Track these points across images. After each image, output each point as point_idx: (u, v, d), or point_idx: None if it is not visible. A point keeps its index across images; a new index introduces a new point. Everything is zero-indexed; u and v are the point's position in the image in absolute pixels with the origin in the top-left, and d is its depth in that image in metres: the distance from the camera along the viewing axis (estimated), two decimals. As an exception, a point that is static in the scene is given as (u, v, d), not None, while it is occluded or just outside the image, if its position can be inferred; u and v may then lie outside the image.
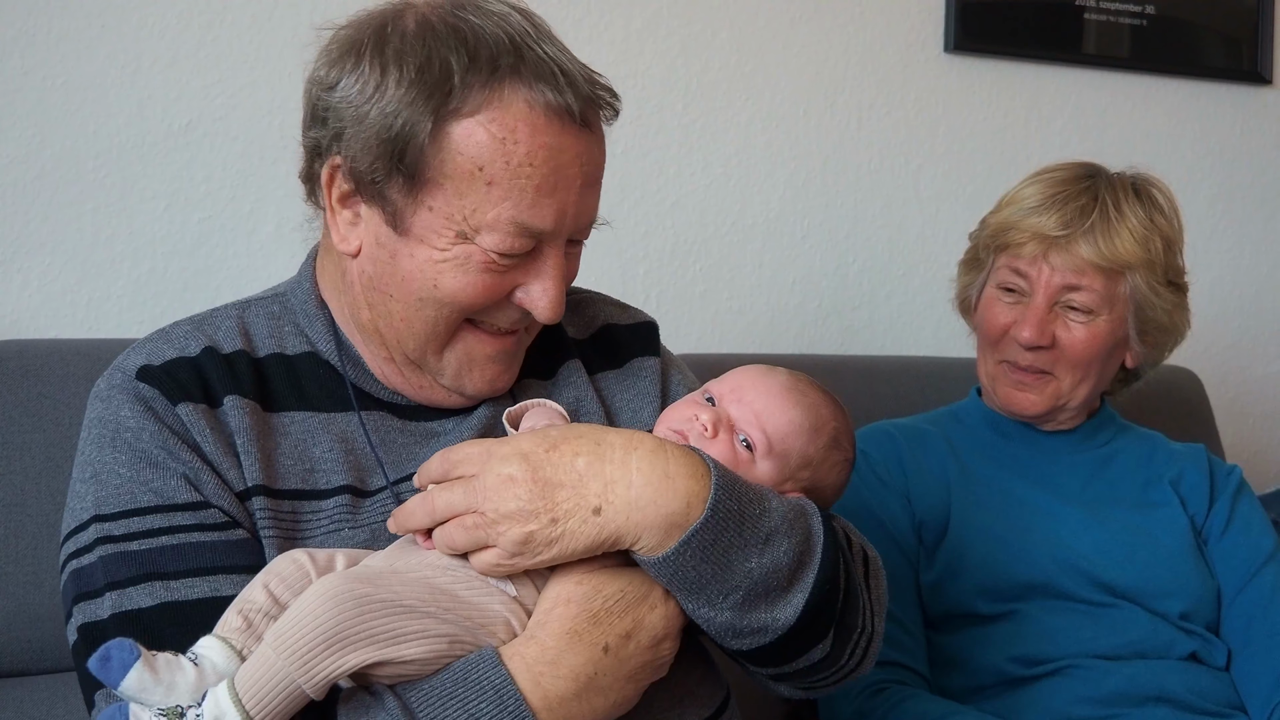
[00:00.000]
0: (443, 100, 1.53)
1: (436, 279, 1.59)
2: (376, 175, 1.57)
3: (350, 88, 1.58)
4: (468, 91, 1.53)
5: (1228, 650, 2.32)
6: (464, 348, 1.66)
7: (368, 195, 1.60)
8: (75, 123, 2.49)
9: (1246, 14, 3.53)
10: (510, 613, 1.46)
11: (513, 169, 1.53)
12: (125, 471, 1.55)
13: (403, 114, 1.54)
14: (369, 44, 1.58)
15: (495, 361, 1.69)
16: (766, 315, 3.10)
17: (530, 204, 1.55)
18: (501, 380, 1.71)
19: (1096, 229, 2.32)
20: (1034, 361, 2.35)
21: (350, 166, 1.59)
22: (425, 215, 1.57)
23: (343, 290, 1.70)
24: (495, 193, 1.54)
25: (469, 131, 1.53)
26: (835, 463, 1.67)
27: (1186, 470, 2.45)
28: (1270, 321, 3.64)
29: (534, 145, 1.54)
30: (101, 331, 2.50)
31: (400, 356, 1.67)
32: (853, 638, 1.58)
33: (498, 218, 1.55)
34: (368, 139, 1.56)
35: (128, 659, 1.30)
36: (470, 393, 1.70)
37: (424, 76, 1.54)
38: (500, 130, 1.53)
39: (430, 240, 1.57)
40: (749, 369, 1.69)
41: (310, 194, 1.72)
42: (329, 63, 1.62)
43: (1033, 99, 3.34)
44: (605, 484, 1.44)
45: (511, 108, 1.54)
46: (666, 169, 2.98)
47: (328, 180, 1.62)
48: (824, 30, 3.13)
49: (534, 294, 1.62)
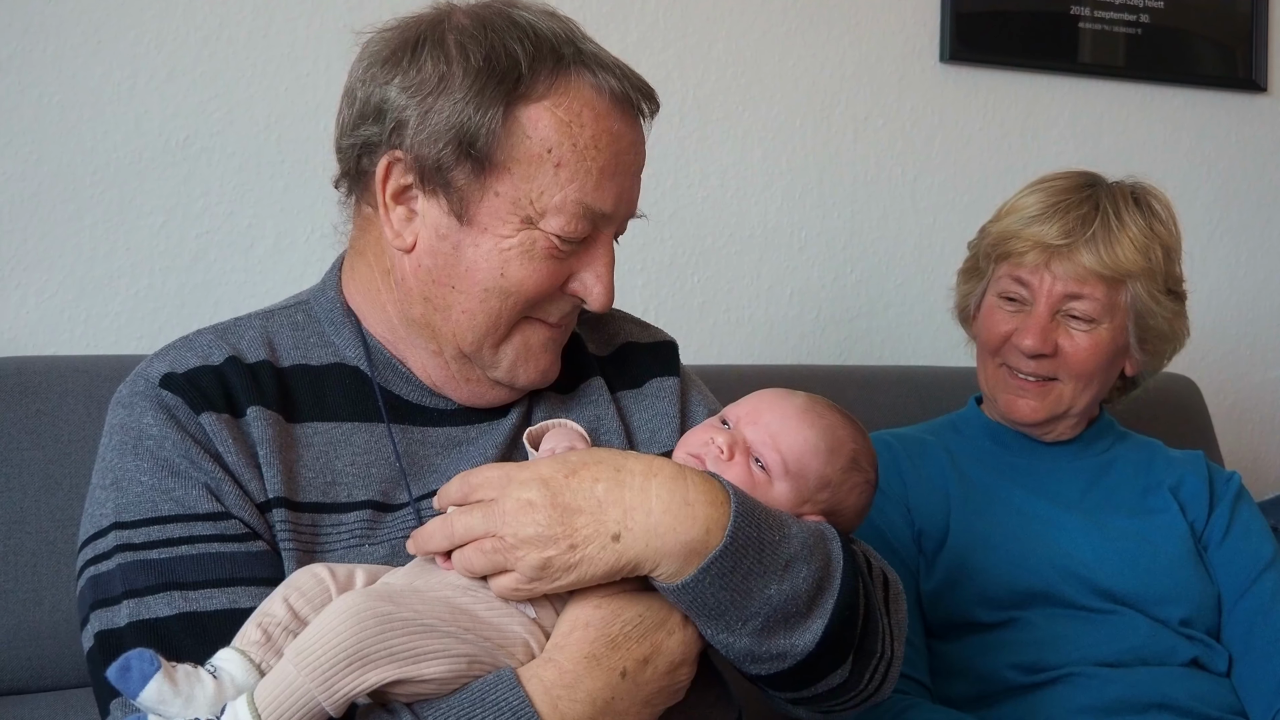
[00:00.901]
0: (512, 86, 1.57)
1: (503, 267, 1.61)
2: (444, 163, 1.59)
3: (411, 80, 1.60)
4: (535, 78, 1.58)
5: (1229, 656, 2.32)
6: (521, 339, 1.68)
7: (431, 185, 1.61)
8: (72, 139, 2.48)
9: (1241, 22, 3.54)
10: (529, 634, 1.46)
11: (580, 151, 1.58)
12: (146, 479, 1.55)
13: (473, 101, 1.57)
14: (426, 40, 1.62)
15: (547, 351, 1.71)
16: (765, 326, 3.10)
17: (595, 186, 1.59)
18: (551, 371, 1.74)
19: (1098, 238, 2.32)
20: (1036, 369, 2.35)
21: (415, 156, 1.60)
22: (491, 201, 1.59)
23: (385, 289, 1.70)
24: (563, 174, 1.58)
25: (537, 116, 1.58)
26: (855, 484, 1.67)
27: (1186, 477, 2.46)
28: (1268, 328, 3.65)
29: (598, 129, 1.59)
30: (99, 348, 2.50)
31: (452, 351, 1.68)
32: (872, 663, 1.58)
33: (565, 199, 1.58)
34: (436, 128, 1.58)
35: (148, 670, 1.30)
36: (523, 384, 1.71)
37: (491, 64, 1.57)
38: (567, 115, 1.58)
39: (495, 228, 1.60)
40: (766, 392, 1.69)
41: (348, 195, 1.73)
42: (380, 61, 1.64)
43: (1029, 108, 3.35)
44: (624, 510, 1.44)
45: (579, 93, 1.59)
46: (664, 181, 2.98)
47: (383, 175, 1.63)
48: (820, 42, 3.13)
49: (588, 282, 1.66)
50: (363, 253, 1.73)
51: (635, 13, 2.94)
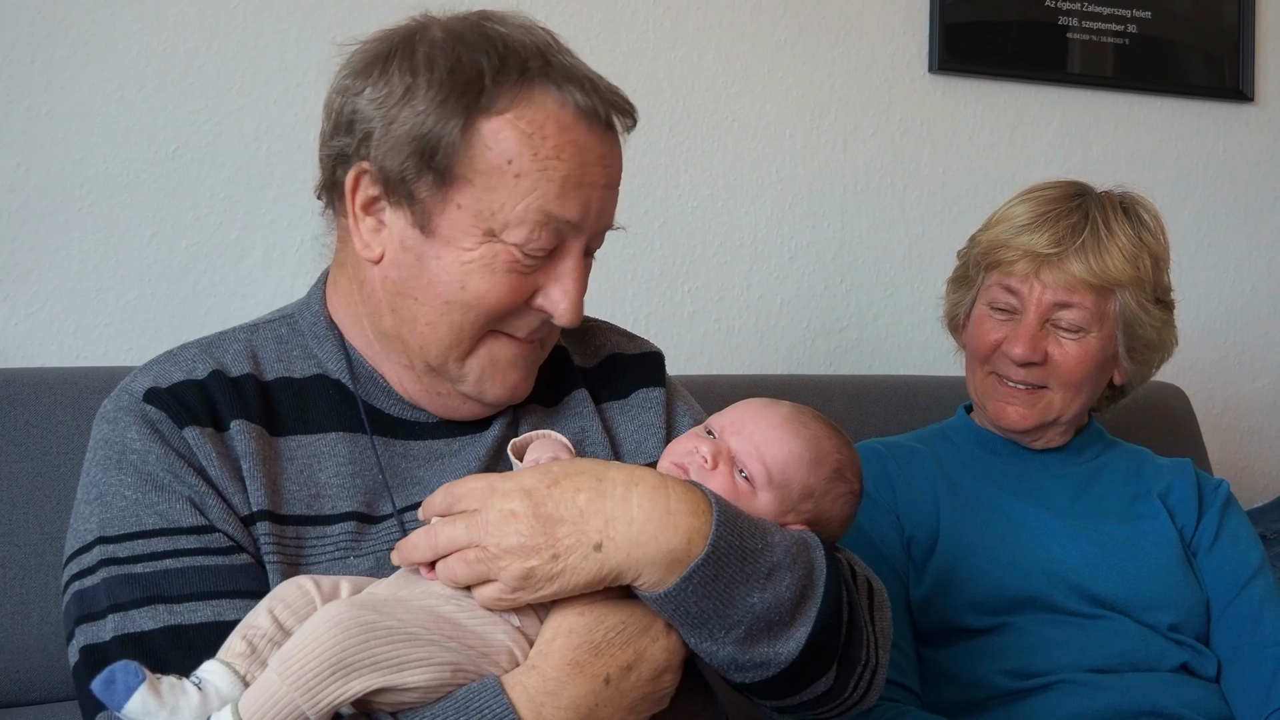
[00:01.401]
0: (474, 99, 1.56)
1: (464, 281, 1.60)
2: (406, 174, 1.59)
3: (380, 91, 1.60)
4: (498, 90, 1.57)
5: (1218, 661, 2.32)
6: (487, 353, 1.66)
7: (395, 197, 1.61)
8: (61, 150, 2.48)
9: (1228, 32, 3.55)
10: (513, 642, 1.46)
11: (540, 161, 1.57)
12: (130, 494, 1.55)
13: (434, 113, 1.57)
14: (398, 52, 1.62)
15: (516, 367, 1.69)
16: (755, 336, 3.10)
17: (557, 194, 1.58)
18: (521, 388, 1.72)
19: (1088, 247, 2.33)
20: (1026, 377, 2.36)
21: (379, 168, 1.60)
22: (453, 214, 1.59)
23: (361, 301, 1.71)
24: (524, 184, 1.57)
25: (499, 129, 1.57)
26: (839, 495, 1.67)
27: (1174, 484, 2.46)
28: (1255, 337, 3.66)
29: (562, 141, 1.58)
30: (88, 360, 2.49)
31: (421, 364, 1.68)
32: (856, 670, 1.59)
33: (526, 209, 1.57)
34: (399, 139, 1.58)
35: (132, 682, 1.30)
36: (490, 399, 1.70)
37: (455, 77, 1.57)
38: (529, 126, 1.57)
39: (457, 240, 1.59)
40: (751, 402, 1.69)
41: (328, 205, 1.73)
42: (354, 73, 1.65)
43: (1017, 118, 3.35)
44: (606, 520, 1.44)
45: (541, 106, 1.58)
46: (654, 191, 2.99)
47: (352, 186, 1.63)
48: (809, 52, 3.14)
49: (554, 297, 1.64)
50: (344, 265, 1.73)
51: (625, 23, 2.95)
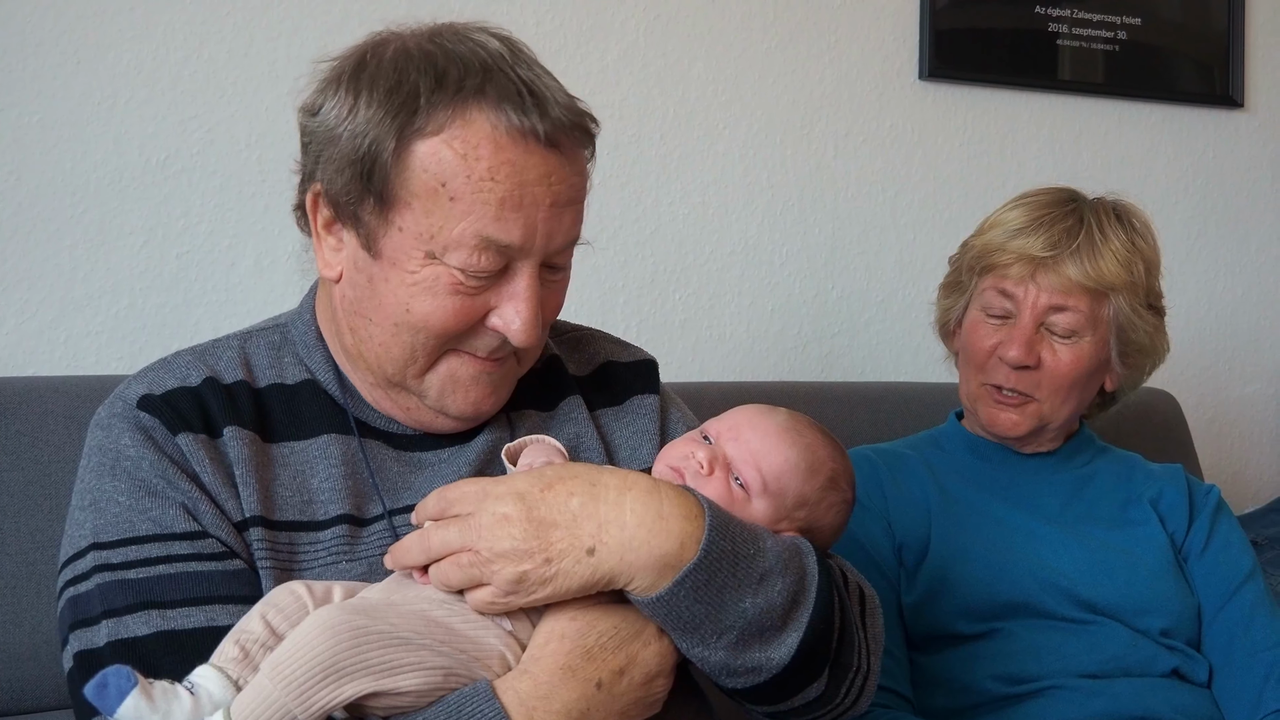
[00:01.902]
0: (408, 120, 1.54)
1: (409, 303, 1.59)
2: (350, 196, 1.58)
3: (328, 113, 1.60)
4: (432, 111, 1.54)
5: (1209, 666, 2.32)
6: (447, 369, 1.65)
7: (344, 219, 1.61)
8: (52, 159, 2.48)
9: (1218, 39, 3.56)
10: (505, 647, 1.47)
11: (474, 183, 1.53)
12: (124, 500, 1.56)
13: (369, 133, 1.55)
14: (349, 71, 1.61)
15: (479, 384, 1.67)
16: (746, 343, 3.11)
17: (494, 217, 1.54)
18: (487, 403, 1.70)
19: (1082, 250, 2.34)
20: (1018, 384, 2.36)
21: (327, 189, 1.61)
22: (396, 236, 1.57)
23: (330, 318, 1.71)
24: (459, 207, 1.54)
25: (433, 150, 1.54)
26: (833, 504, 1.67)
27: (1165, 490, 2.46)
28: (1246, 343, 3.66)
29: (496, 161, 1.54)
30: (80, 369, 2.49)
31: (383, 380, 1.68)
32: (848, 676, 1.59)
33: (463, 232, 1.54)
34: (340, 160, 1.58)
35: (124, 686, 1.30)
36: (454, 414, 1.69)
37: (391, 98, 1.55)
38: (463, 147, 1.54)
39: (402, 263, 1.58)
40: (748, 408, 1.69)
41: (301, 223, 1.73)
42: (315, 91, 1.65)
43: (1008, 125, 3.36)
44: (599, 524, 1.45)
45: (474, 126, 1.54)
46: (645, 199, 2.99)
47: (312, 207, 1.64)
48: (799, 60, 3.14)
49: (507, 316, 1.61)
50: (322, 280, 1.74)
51: (615, 32, 2.95)
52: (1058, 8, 3.38)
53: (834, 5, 3.17)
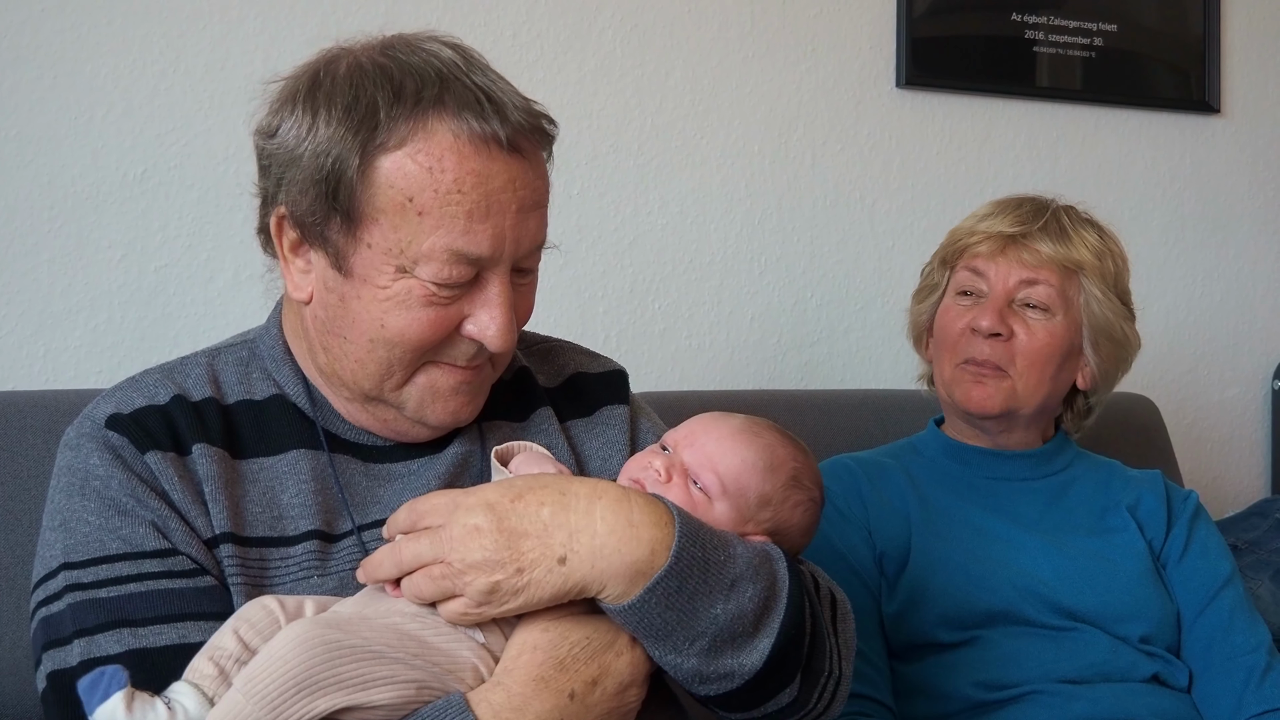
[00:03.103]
0: (369, 135, 1.54)
1: (383, 318, 1.59)
2: (316, 217, 1.58)
3: (287, 133, 1.60)
4: (393, 125, 1.54)
5: (1189, 671, 2.33)
6: (426, 381, 1.65)
7: (312, 239, 1.61)
8: (29, 174, 2.48)
9: (1194, 44, 3.57)
10: (478, 659, 1.47)
11: (441, 196, 1.54)
12: (94, 519, 1.55)
13: (332, 152, 1.55)
14: (303, 90, 1.60)
15: (459, 393, 1.68)
16: (726, 352, 3.11)
17: (463, 230, 1.55)
18: (465, 412, 1.71)
19: (1050, 229, 2.41)
20: (991, 354, 2.37)
21: (292, 211, 1.60)
22: (365, 253, 1.57)
23: (302, 336, 1.71)
24: (427, 222, 1.54)
25: (397, 164, 1.54)
26: (799, 502, 1.67)
27: (1144, 496, 2.47)
28: (1224, 347, 3.67)
29: (461, 172, 1.54)
30: (59, 383, 2.49)
31: (360, 395, 1.68)
32: (820, 681, 1.59)
33: (433, 247, 1.55)
34: (304, 181, 1.57)
35: (111, 688, 1.32)
36: (433, 424, 1.69)
37: (351, 115, 1.55)
38: (427, 160, 1.54)
39: (373, 279, 1.58)
40: (704, 416, 1.70)
41: (265, 246, 1.72)
42: (270, 112, 1.65)
43: (985, 132, 3.37)
44: (570, 533, 1.45)
45: (436, 137, 1.54)
46: (623, 208, 2.99)
47: (276, 230, 1.64)
48: (777, 68, 3.15)
49: (482, 323, 1.61)
50: (289, 300, 1.74)
51: (593, 42, 2.96)
52: (1034, 15, 3.39)
53: (811, 14, 3.18)
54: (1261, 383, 3.72)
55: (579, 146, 2.90)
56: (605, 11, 2.97)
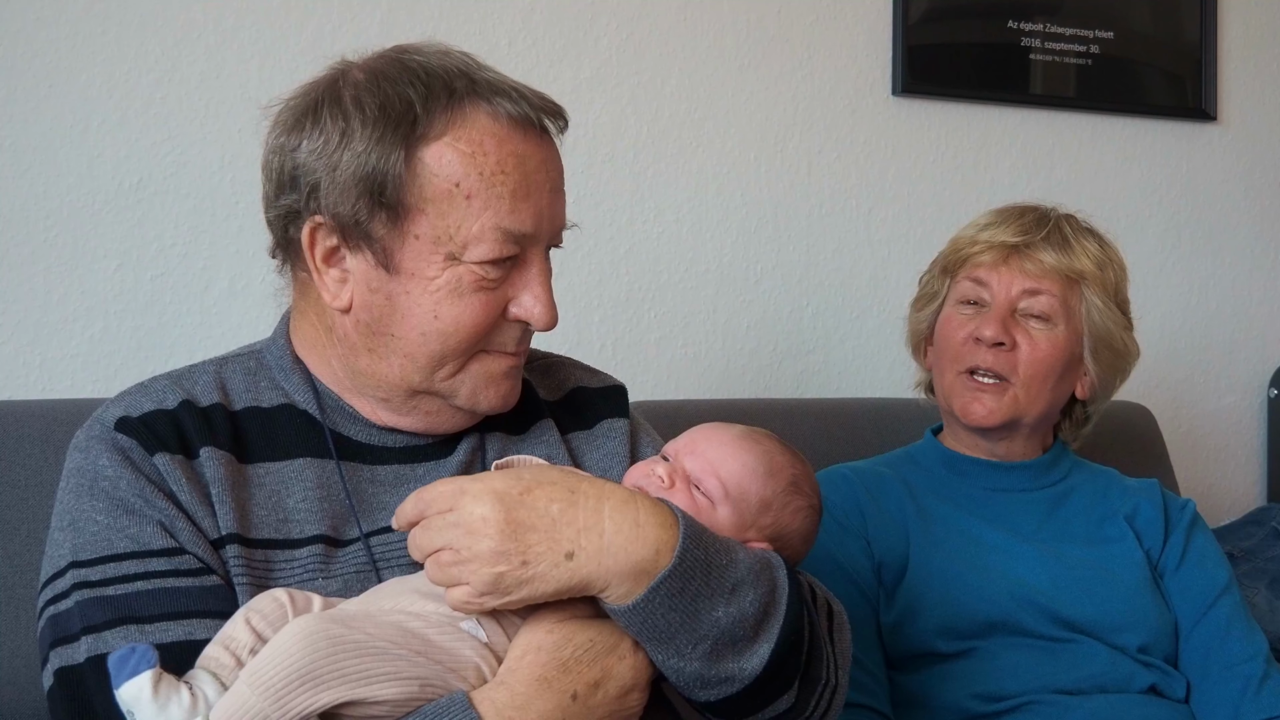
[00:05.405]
0: (410, 129, 1.59)
1: (435, 309, 1.63)
2: (360, 217, 1.61)
3: (316, 142, 1.63)
4: (431, 117, 1.60)
5: (1187, 682, 2.33)
6: (480, 368, 1.70)
7: (354, 241, 1.64)
8: (24, 183, 2.48)
9: (1189, 52, 3.58)
10: (481, 658, 1.48)
11: (487, 179, 1.60)
12: (102, 519, 1.57)
13: (374, 151, 1.59)
14: (325, 102, 1.64)
15: (509, 378, 1.73)
16: (722, 361, 3.11)
17: (509, 209, 1.61)
18: (513, 396, 1.76)
19: (1052, 239, 2.41)
20: (994, 364, 2.37)
21: (333, 216, 1.63)
22: (413, 245, 1.61)
23: (330, 344, 1.73)
24: (475, 204, 1.60)
25: (439, 153, 1.60)
26: (798, 508, 1.69)
27: (1141, 505, 2.47)
28: (1221, 355, 3.68)
29: (502, 154, 1.61)
30: (55, 392, 2.49)
31: (404, 391, 1.70)
32: (817, 689, 1.61)
33: (482, 228, 1.60)
34: (345, 184, 1.60)
35: (141, 665, 1.34)
36: (484, 409, 1.74)
37: (386, 113, 1.60)
38: (469, 146, 1.60)
39: (421, 271, 1.62)
40: (703, 425, 1.73)
41: (283, 264, 1.75)
42: (286, 130, 1.67)
43: (981, 139, 3.37)
44: (578, 530, 1.47)
45: (476, 123, 1.61)
46: (619, 217, 2.99)
47: (309, 241, 1.66)
48: (773, 76, 3.15)
49: (526, 304, 1.67)
50: (305, 312, 1.76)
51: (589, 49, 2.96)
52: (1030, 22, 3.40)
53: (807, 22, 3.18)
54: (1257, 391, 3.72)
55: (574, 155, 2.87)
56: (601, 20, 2.98)
